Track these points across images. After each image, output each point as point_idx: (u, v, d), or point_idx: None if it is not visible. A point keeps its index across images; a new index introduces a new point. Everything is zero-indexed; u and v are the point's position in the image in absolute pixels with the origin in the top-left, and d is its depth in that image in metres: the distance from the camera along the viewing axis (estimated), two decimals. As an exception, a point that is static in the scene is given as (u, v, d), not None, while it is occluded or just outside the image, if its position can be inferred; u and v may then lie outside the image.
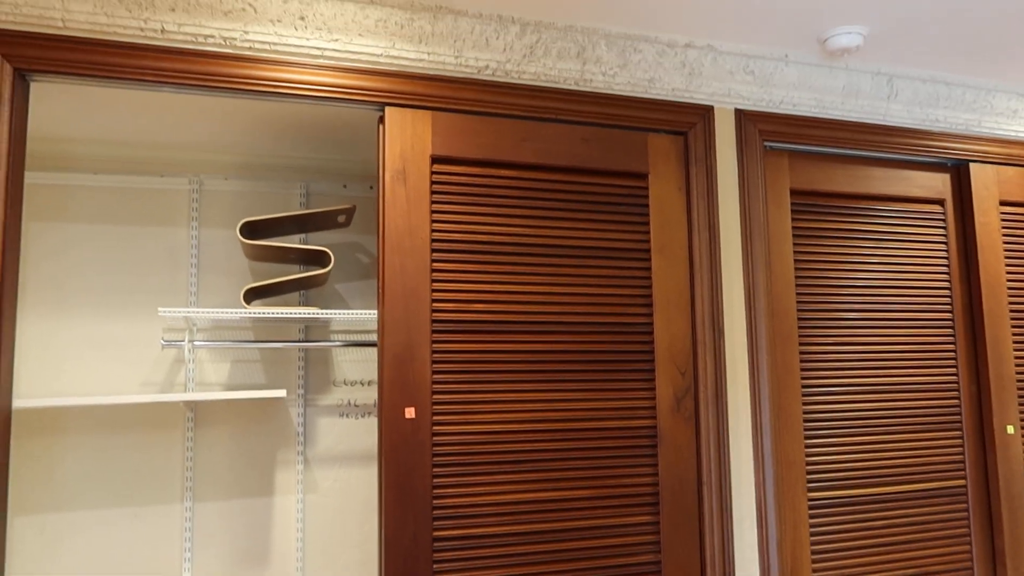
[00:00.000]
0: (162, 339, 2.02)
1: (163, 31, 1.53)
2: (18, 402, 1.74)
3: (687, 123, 1.94)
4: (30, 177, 2.06)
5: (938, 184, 2.21)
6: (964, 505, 2.10)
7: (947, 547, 2.06)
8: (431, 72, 1.72)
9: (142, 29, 1.52)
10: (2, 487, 1.47)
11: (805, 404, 1.97)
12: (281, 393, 1.86)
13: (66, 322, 2.01)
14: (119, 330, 2.04)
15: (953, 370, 2.14)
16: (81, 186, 2.08)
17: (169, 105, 1.82)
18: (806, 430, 1.96)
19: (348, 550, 2.15)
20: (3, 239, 1.46)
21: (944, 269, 2.18)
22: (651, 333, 1.83)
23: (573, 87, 1.83)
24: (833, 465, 1.98)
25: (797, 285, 2.02)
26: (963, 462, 2.11)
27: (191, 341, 2.01)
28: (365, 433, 2.21)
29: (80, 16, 1.49)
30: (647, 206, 1.88)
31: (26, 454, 1.95)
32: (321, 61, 1.63)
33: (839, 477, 1.98)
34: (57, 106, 1.83)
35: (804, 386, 1.98)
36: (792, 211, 2.05)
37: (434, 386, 1.66)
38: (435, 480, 1.63)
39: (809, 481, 1.95)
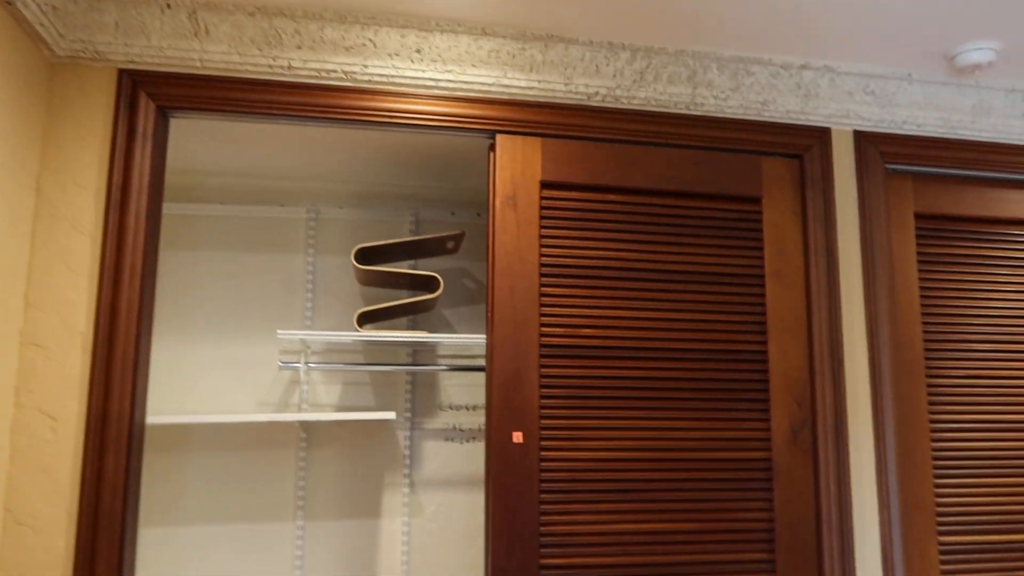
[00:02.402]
0: (279, 361, 2.10)
1: (290, 67, 1.61)
2: (149, 418, 1.84)
3: (803, 146, 1.88)
4: (164, 208, 2.20)
5: (1080, 207, 2.05)
6: (1119, 558, 1.91)
7: (1100, 604, 1.88)
8: (541, 99, 1.74)
9: (271, 67, 1.61)
10: (135, 497, 1.55)
11: (934, 441, 1.85)
12: (391, 415, 1.90)
13: (192, 345, 2.12)
14: (240, 352, 2.13)
15: (1102, 408, 1.96)
16: (208, 216, 2.21)
17: (290, 137, 1.91)
18: (936, 469, 1.84)
19: (454, 573, 2.15)
20: (144, 266, 1.56)
21: (1089, 298, 2.01)
22: (765, 361, 1.77)
23: (684, 111, 1.81)
24: (967, 508, 1.84)
25: (923, 314, 1.91)
26: (1117, 510, 1.93)
27: (306, 363, 2.08)
28: (470, 458, 2.22)
29: (216, 56, 1.59)
30: (761, 231, 1.83)
31: (153, 470, 2.06)
32: (435, 91, 1.68)
33: (974, 521, 1.84)
34: (190, 140, 1.95)
35: (932, 422, 1.86)
36: (917, 236, 1.95)
37: (542, 411, 1.65)
38: (542, 507, 1.62)
39: (939, 524, 1.82)
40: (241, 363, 2.13)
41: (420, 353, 2.24)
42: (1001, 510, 1.86)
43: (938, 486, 1.83)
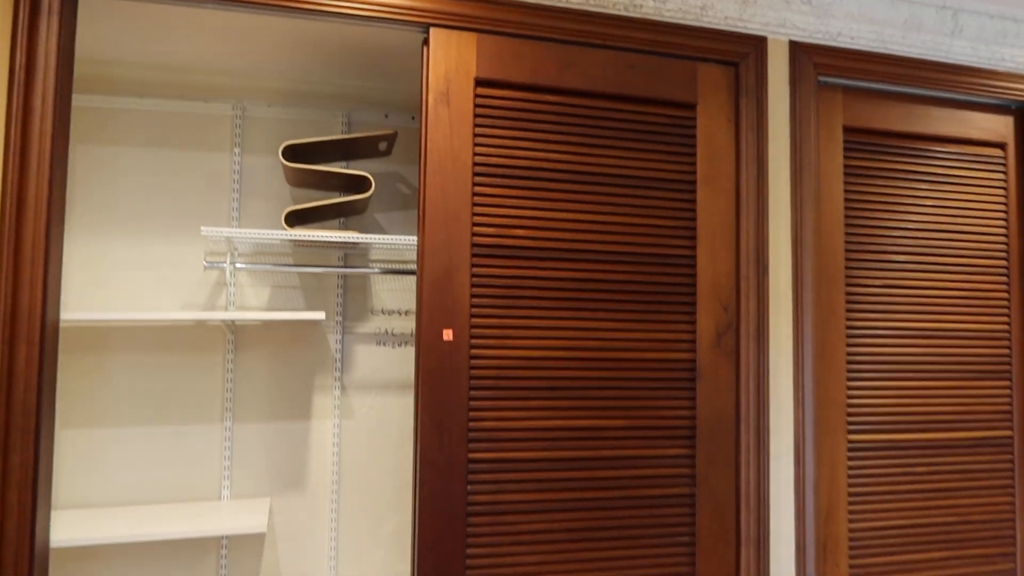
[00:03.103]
0: (204, 260, 2.04)
1: (209, -60, 1.51)
2: (65, 315, 1.77)
3: (739, 53, 1.87)
4: (77, 100, 2.07)
5: (1000, 127, 2.12)
6: (1009, 456, 2.05)
7: (989, 497, 2.02)
8: (478, -10, 1.68)
9: (188, -62, 1.50)
10: (50, 391, 1.51)
11: (849, 346, 1.93)
12: (320, 315, 1.88)
13: (112, 243, 2.04)
14: (163, 252, 2.06)
15: (1005, 319, 2.07)
16: (128, 110, 2.10)
17: (214, 26, 1.81)
18: (849, 372, 1.92)
19: (384, 475, 2.18)
20: (52, 152, 1.48)
21: (1002, 215, 2.10)
22: (694, 266, 1.80)
23: (623, 12, 1.78)
24: (876, 409, 1.94)
25: (847, 225, 1.96)
26: (1010, 412, 2.06)
27: (233, 264, 2.02)
28: (402, 362, 2.22)
29: (127, -77, 1.47)
30: (694, 137, 1.83)
31: (73, 370, 2.00)
32: (366, -24, 1.60)
33: (881, 421, 1.94)
34: (107, 26, 1.83)
35: (849, 327, 1.93)
36: (844, 149, 1.98)
37: (473, 310, 1.65)
38: (471, 403, 1.64)
39: (850, 423, 1.91)
40: (164, 263, 2.06)
41: (352, 257, 2.21)
42: (908, 411, 1.97)
43: (850, 388, 1.92)
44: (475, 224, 1.67)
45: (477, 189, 1.68)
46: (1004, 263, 2.08)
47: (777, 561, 1.80)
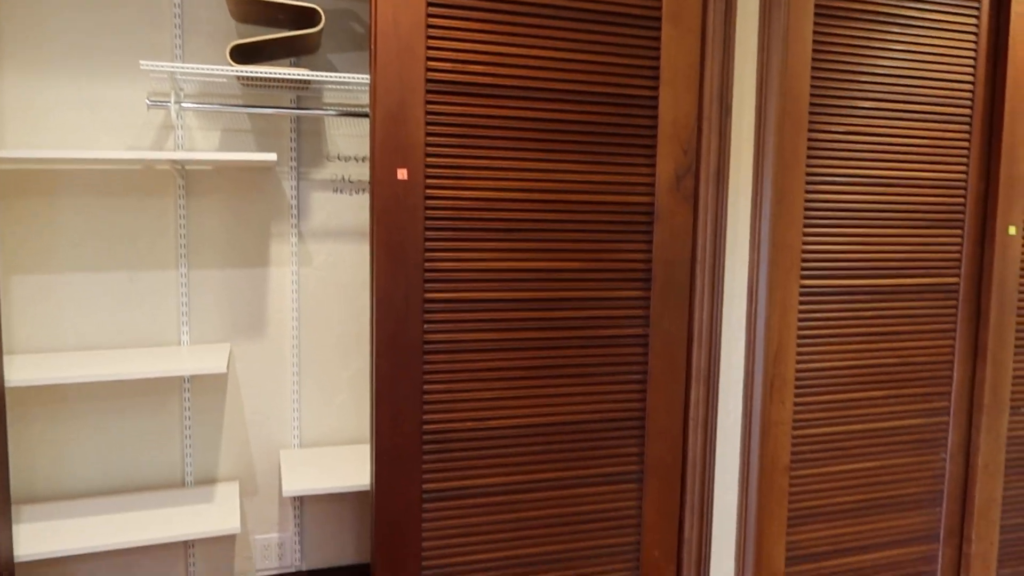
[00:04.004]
0: (147, 99, 1.95)
1: None
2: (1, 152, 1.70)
3: None
4: (-4, -83, 1.89)
5: (978, -33, 2.04)
6: (954, 302, 2.11)
7: (932, 340, 2.10)
8: None
9: None
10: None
11: (808, 192, 1.93)
12: (271, 156, 1.82)
13: (47, 82, 1.93)
14: (104, 93, 1.96)
15: (963, 167, 2.08)
16: (52, -69, 1.92)
17: None
18: (807, 218, 1.93)
19: (344, 321, 2.19)
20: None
21: (970, 61, 2.06)
22: (656, 107, 1.76)
23: None
24: (830, 254, 1.96)
25: (814, 68, 1.91)
26: (959, 260, 2.10)
27: (178, 103, 1.93)
28: (360, 209, 2.19)
29: None
30: (661, -32, 1.74)
31: (20, 216, 1.93)
32: None
33: (834, 266, 1.97)
34: None
35: (809, 174, 1.92)
36: (817, -14, 1.90)
37: (427, 148, 1.61)
38: (427, 243, 1.62)
39: (804, 268, 1.94)
40: (105, 104, 1.96)
41: (305, 99, 2.12)
42: (861, 258, 2.00)
43: (807, 234, 1.94)
44: (430, 59, 1.60)
45: (431, 21, 1.59)
46: (968, 111, 2.06)
47: (726, 398, 1.87)
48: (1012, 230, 2.11)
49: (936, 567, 2.18)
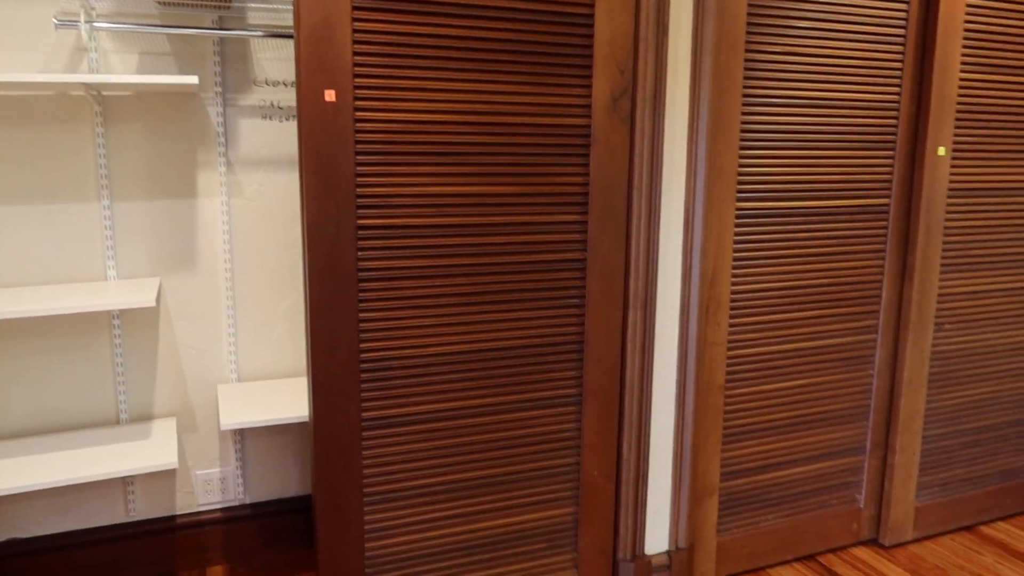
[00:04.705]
0: (55, 18, 1.82)
1: None
2: None
3: None
4: None
5: None
6: (884, 223, 2.16)
7: (863, 261, 2.15)
8: None
9: None
10: None
11: (745, 114, 1.92)
12: (192, 80, 1.73)
13: (-56, -1, 1.79)
14: (6, 13, 1.83)
15: (896, 89, 2.10)
16: None
17: None
18: (742, 140, 1.93)
19: (279, 253, 2.14)
20: None
21: (905, -20, 2.05)
22: (591, 26, 1.71)
23: None
24: (765, 177, 1.98)
25: (751, -13, 1.89)
26: (890, 182, 2.14)
27: (89, 22, 1.81)
28: (291, 137, 2.11)
29: None
30: None
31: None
32: None
33: (769, 189, 1.99)
34: None
35: (746, 95, 1.92)
36: (755, -99, 1.86)
37: (356, 69, 1.55)
38: (358, 168, 1.58)
39: (739, 191, 1.95)
40: (10, 24, 1.83)
41: (228, 20, 2.01)
42: (795, 180, 2.02)
43: (743, 156, 1.94)
44: (355, -28, 1.52)
45: (356, -69, 1.51)
46: (902, 32, 2.07)
47: (662, 321, 1.89)
48: (941, 151, 2.15)
49: (862, 478, 2.28)
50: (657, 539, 1.99)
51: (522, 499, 1.85)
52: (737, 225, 1.97)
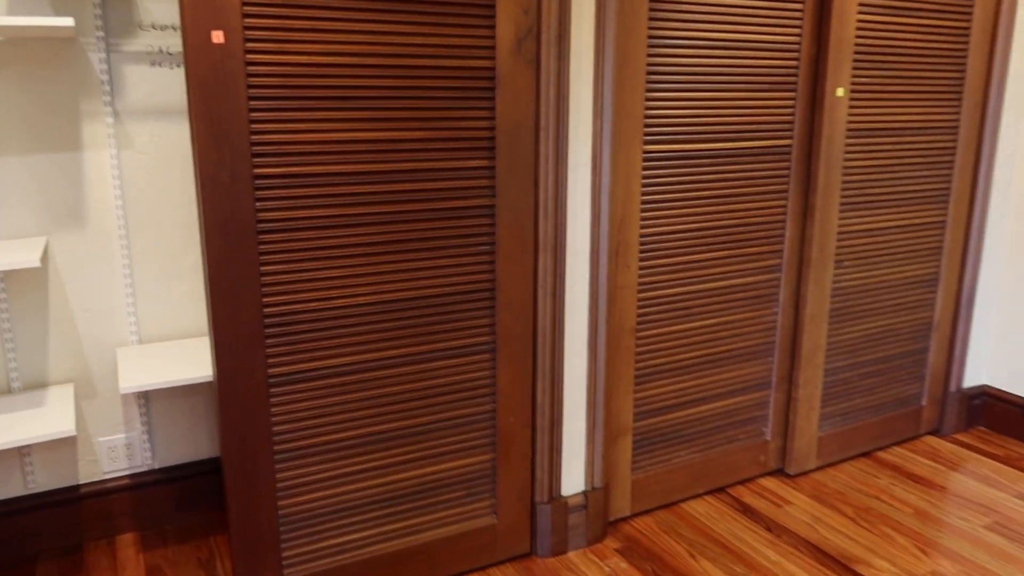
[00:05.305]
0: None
1: None
2: None
3: None
4: None
5: None
6: (787, 164, 2.21)
7: (767, 201, 2.20)
8: None
9: None
10: None
11: (650, 56, 1.92)
12: (66, 22, 1.60)
13: None
14: None
15: (797, 31, 2.13)
16: None
17: None
18: (649, 82, 1.93)
19: (177, 208, 2.04)
20: None
21: (805, -79, 2.07)
22: (493, -36, 1.67)
23: None
24: (671, 119, 1.99)
25: (654, -75, 1.87)
26: (792, 123, 2.19)
27: (-54, -41, 1.66)
28: (183, 85, 2.00)
29: None
30: None
31: None
32: None
33: (676, 131, 2.00)
34: None
35: (651, 37, 1.91)
36: None
37: (245, 9, 1.46)
38: (252, 115, 1.50)
39: (646, 134, 1.96)
40: None
41: (105, -41, 1.88)
42: (701, 122, 2.03)
43: (649, 99, 1.94)
44: (239, -97, 1.43)
45: None
46: (802, -26, 2.09)
47: (573, 266, 1.90)
48: (840, 92, 2.20)
49: (768, 412, 2.37)
50: (573, 480, 2.02)
51: (439, 449, 1.84)
52: (645, 168, 1.98)
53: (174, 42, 1.97)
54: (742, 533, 2.12)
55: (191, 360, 1.94)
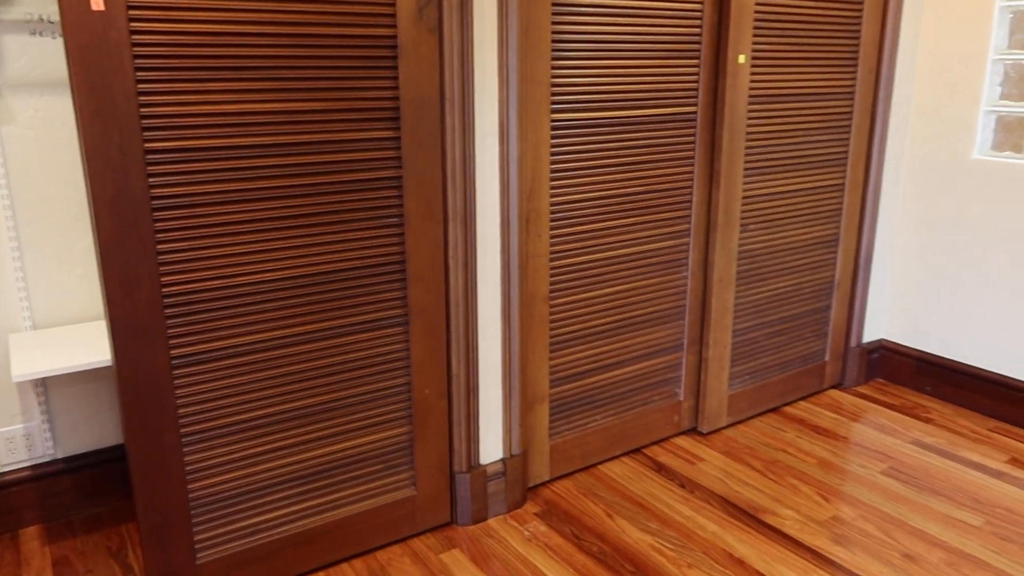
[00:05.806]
0: None
1: None
2: None
3: None
4: None
5: None
6: (692, 130, 2.25)
7: (673, 168, 2.24)
8: None
9: None
10: None
11: (555, 24, 1.92)
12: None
13: None
14: None
15: (699, -2, 2.16)
16: None
17: None
18: (554, 50, 1.93)
19: (67, 188, 1.94)
20: None
21: None
22: (391, -71, 1.63)
23: None
24: (578, 87, 1.99)
25: None
26: (697, 90, 2.23)
27: None
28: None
29: None
30: None
31: None
32: None
33: (583, 100, 2.01)
34: None
35: (555, 2, 1.90)
36: None
37: (126, -26, 1.39)
38: (140, 86, 1.43)
39: (554, 102, 1.96)
40: None
41: (-27, -81, 1.75)
42: (608, 90, 2.05)
43: (556, 66, 1.94)
44: None
45: None
46: (703, -59, 2.12)
47: (483, 235, 1.90)
48: (742, 59, 2.25)
49: (680, 373, 2.44)
50: (491, 449, 2.04)
51: (355, 423, 1.83)
52: (554, 136, 1.99)
53: (54, 10, 1.86)
54: (657, 491, 2.18)
55: (89, 345, 1.87)
